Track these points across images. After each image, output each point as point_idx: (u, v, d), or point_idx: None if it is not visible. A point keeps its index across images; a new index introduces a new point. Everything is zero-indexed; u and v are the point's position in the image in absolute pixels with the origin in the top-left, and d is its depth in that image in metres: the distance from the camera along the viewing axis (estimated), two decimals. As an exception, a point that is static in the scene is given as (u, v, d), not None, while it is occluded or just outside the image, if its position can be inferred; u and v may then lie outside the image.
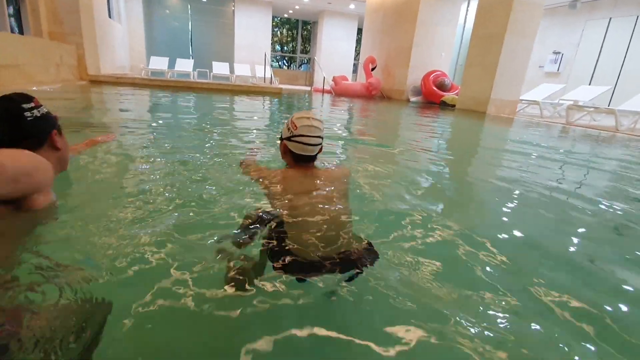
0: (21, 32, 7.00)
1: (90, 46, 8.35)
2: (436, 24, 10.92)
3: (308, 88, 14.58)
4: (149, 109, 5.37)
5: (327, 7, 16.34)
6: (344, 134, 4.25)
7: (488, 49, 8.08)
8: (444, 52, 11.43)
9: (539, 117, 8.27)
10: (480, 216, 1.95)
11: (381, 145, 3.62)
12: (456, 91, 10.54)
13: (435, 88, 10.68)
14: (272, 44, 20.87)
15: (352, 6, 15.86)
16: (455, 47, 12.29)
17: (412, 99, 11.27)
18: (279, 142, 1.49)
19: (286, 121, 1.42)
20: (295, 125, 1.35)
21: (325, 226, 1.16)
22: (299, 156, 1.38)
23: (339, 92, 12.15)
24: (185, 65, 13.11)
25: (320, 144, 1.41)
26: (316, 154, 1.42)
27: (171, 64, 13.05)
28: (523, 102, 8.87)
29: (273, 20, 19.02)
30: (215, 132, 3.50)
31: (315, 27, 19.31)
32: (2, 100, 1.18)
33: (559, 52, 12.29)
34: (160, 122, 4.07)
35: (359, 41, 17.13)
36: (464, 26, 12.44)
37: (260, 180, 1.47)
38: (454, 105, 9.67)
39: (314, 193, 1.32)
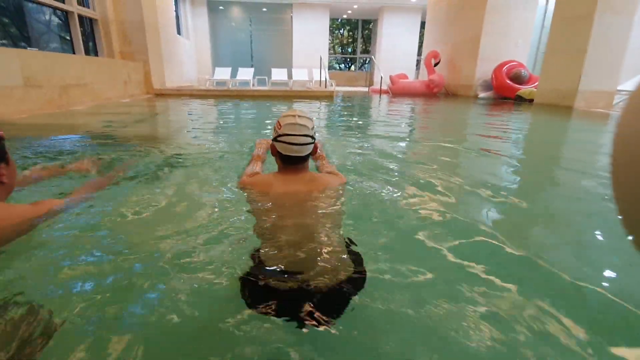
0: (96, 53, 7.76)
1: (155, 62, 8.97)
2: (510, 8, 9.53)
3: (365, 89, 14.00)
4: (193, 116, 5.45)
5: (387, 2, 15.58)
6: (390, 139, 3.69)
7: (574, 32, 6.68)
8: (521, 40, 9.94)
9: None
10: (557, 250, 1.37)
11: (436, 151, 3.01)
12: (535, 83, 9.06)
13: (509, 81, 9.31)
14: (332, 46, 20.78)
15: (413, -1, 14.87)
16: (535, 33, 10.62)
17: (481, 94, 10.00)
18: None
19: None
20: (280, 124, 1.31)
21: (302, 245, 1.04)
22: (285, 157, 1.32)
23: (397, 91, 11.37)
24: (245, 73, 13.55)
25: (309, 143, 1.32)
26: (306, 156, 1.34)
27: (233, 74, 13.59)
28: (622, 93, 7.19)
29: (333, 22, 18.84)
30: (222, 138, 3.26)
31: (375, 26, 18.61)
32: None
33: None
34: (194, 128, 4.03)
35: (422, 36, 16.00)
36: (546, 8, 10.70)
37: (249, 190, 1.41)
38: (532, 100, 8.29)
39: (298, 203, 1.25)
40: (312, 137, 1.34)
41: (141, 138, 3.48)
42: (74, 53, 6.83)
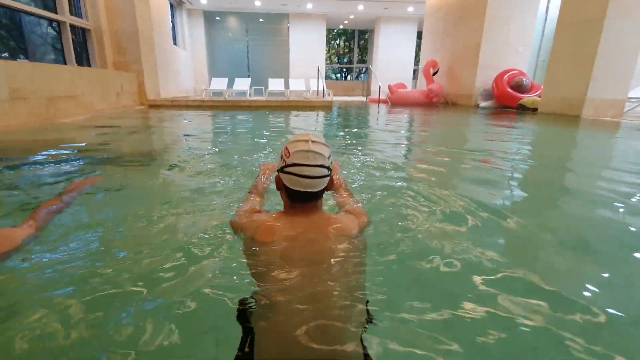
0: (89, 64, 7.52)
1: (150, 73, 8.73)
2: (510, 16, 9.46)
3: (363, 99, 13.87)
4: (187, 129, 5.20)
5: (383, 13, 15.56)
6: (390, 153, 3.45)
7: (582, 38, 6.55)
8: (522, 48, 9.85)
9: (658, 118, 6.44)
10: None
11: (436, 168, 2.76)
12: (537, 92, 8.93)
13: (510, 90, 9.17)
14: (329, 56, 20.73)
15: (410, 9, 14.86)
16: (536, 40, 10.56)
17: (482, 104, 9.86)
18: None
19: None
20: (289, 152, 1.03)
21: (313, 325, 0.77)
22: (293, 193, 1.04)
23: (395, 101, 11.22)
24: (242, 84, 13.37)
25: (325, 176, 1.04)
26: (319, 192, 1.06)
27: (230, 84, 13.40)
28: (632, 100, 7.05)
29: (329, 32, 18.81)
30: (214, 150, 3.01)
31: (372, 36, 18.62)
32: None
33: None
34: (187, 142, 3.76)
35: (419, 46, 15.98)
36: (547, 14, 10.66)
37: (243, 232, 1.09)
38: (535, 109, 8.13)
39: (308, 260, 0.94)
40: (328, 169, 1.05)
41: (124, 154, 3.21)
42: (65, 64, 6.58)
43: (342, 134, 4.97)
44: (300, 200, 1.05)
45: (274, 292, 0.87)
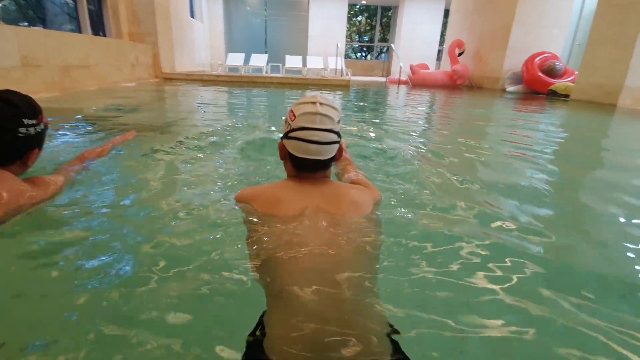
0: (104, 34, 7.40)
1: (165, 45, 8.57)
2: (547, -6, 8.77)
3: (383, 79, 13.39)
4: (202, 103, 5.07)
5: (409, -12, 14.79)
6: (406, 138, 3.23)
7: (623, 20, 5.98)
8: (557, 30, 9.17)
9: None
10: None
11: (456, 157, 2.55)
12: (571, 77, 8.35)
13: (541, 74, 8.61)
14: (349, 34, 20.00)
15: (438, -15, 14.05)
16: (572, 22, 9.82)
17: (510, 88, 9.33)
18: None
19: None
20: (294, 114, 0.92)
21: (327, 306, 0.69)
22: (300, 161, 0.93)
23: (417, 82, 10.76)
24: (259, 60, 13.10)
25: (334, 142, 0.93)
26: (328, 160, 0.95)
27: (246, 60, 13.14)
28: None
29: (351, 8, 18.06)
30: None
31: (395, 13, 17.79)
32: (7, 105, 1.14)
33: None
34: (201, 116, 3.65)
35: (445, 25, 15.17)
36: (586, -6, 9.86)
37: (246, 206, 0.98)
38: (567, 96, 7.62)
39: (318, 231, 0.83)
40: (338, 134, 0.95)
41: (142, 125, 3.12)
42: (80, 32, 6.49)
43: (356, 114, 4.75)
44: (308, 170, 0.95)
45: (283, 273, 0.78)
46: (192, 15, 12.59)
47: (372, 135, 3.16)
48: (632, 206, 1.75)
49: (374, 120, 4.22)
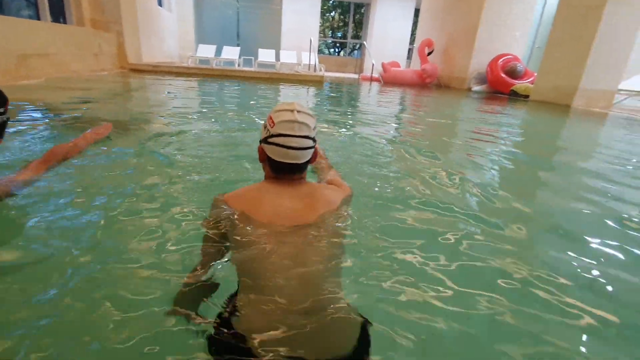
0: (65, 20, 6.98)
1: (131, 34, 8.20)
2: (511, -2, 9.20)
3: (356, 76, 13.55)
4: (171, 96, 4.93)
5: (381, -14, 14.98)
6: (378, 134, 3.34)
7: (580, 26, 6.42)
8: (519, 32, 9.66)
9: (645, 112, 6.49)
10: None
11: (426, 151, 2.68)
12: (530, 79, 8.85)
13: (504, 75, 9.07)
14: (323, 29, 19.96)
15: (409, -16, 14.33)
16: (533, 26, 10.38)
17: (475, 87, 9.75)
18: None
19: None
20: (273, 122, 1.00)
21: (298, 295, 0.79)
22: (278, 165, 1.01)
23: (388, 80, 10.98)
24: (231, 53, 12.83)
25: (310, 147, 1.02)
26: (305, 163, 1.04)
27: (218, 52, 12.82)
28: (622, 92, 7.06)
29: (324, 4, 18.03)
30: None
31: (367, 10, 17.98)
32: None
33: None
34: (169, 110, 3.55)
35: (416, 24, 15.53)
36: (546, 0, 10.44)
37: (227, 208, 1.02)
38: (527, 96, 8.08)
39: (293, 229, 0.93)
40: (314, 140, 1.04)
41: (104, 120, 3.00)
42: (38, 19, 6.08)
43: (331, 111, 4.81)
44: (285, 172, 1.03)
45: (257, 260, 0.86)
46: (160, 4, 12.10)
47: (344, 130, 3.23)
48: (571, 191, 1.93)
49: (346, 117, 4.30)
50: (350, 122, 3.96)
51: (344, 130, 3.29)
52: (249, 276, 0.85)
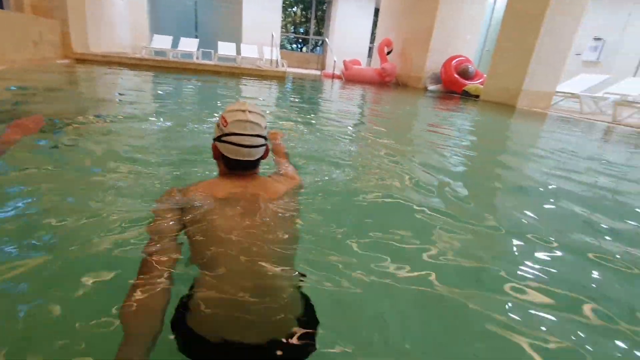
0: (1, 5, 6.34)
1: (76, 22, 7.63)
2: (462, 2, 9.70)
3: (318, 72, 13.62)
4: (122, 89, 4.66)
5: (342, -16, 15.12)
6: (340, 128, 3.42)
7: (524, 31, 6.92)
8: (470, 35, 10.23)
9: (579, 112, 7.17)
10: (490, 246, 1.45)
11: (386, 146, 2.79)
12: (481, 80, 9.42)
13: (457, 75, 9.57)
14: (285, 24, 19.74)
15: (369, -17, 14.59)
16: (482, 30, 11.03)
17: (431, 87, 10.20)
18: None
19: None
20: (226, 121, 1.05)
21: (251, 283, 0.84)
22: (232, 162, 1.07)
23: (349, 77, 11.16)
24: (189, 45, 12.30)
25: (262, 145, 1.08)
26: (257, 160, 1.10)
27: (175, 44, 12.26)
28: (559, 94, 7.73)
29: (286, -2, 17.85)
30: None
31: (329, 7, 18.08)
32: None
33: (600, 39, 10.91)
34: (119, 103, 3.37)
35: (376, 23, 15.88)
36: (494, 5, 11.13)
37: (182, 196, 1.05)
38: (478, 96, 8.60)
39: (244, 219, 0.98)
40: (265, 138, 1.10)
41: (47, 114, 2.79)
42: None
43: (293, 107, 4.82)
44: (239, 168, 1.08)
45: (212, 248, 0.90)
46: (110, -10, 11.33)
47: (306, 126, 3.27)
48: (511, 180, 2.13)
49: (309, 113, 4.33)
50: (313, 118, 4.00)
51: (306, 125, 3.32)
52: (202, 261, 0.89)
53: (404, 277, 1.15)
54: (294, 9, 21.61)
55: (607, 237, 1.64)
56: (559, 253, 1.44)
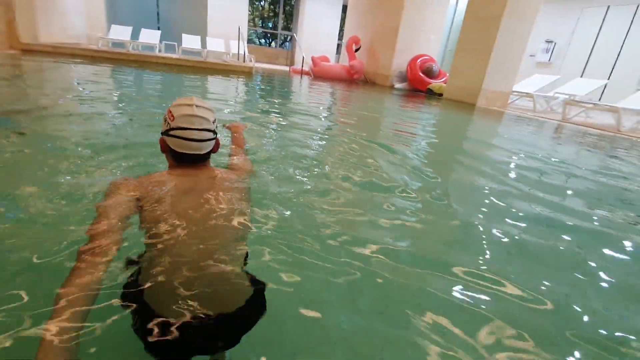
0: None
1: (24, 9, 7.07)
2: (426, 4, 9.99)
3: (286, 68, 13.52)
4: (74, 83, 4.38)
5: (310, -21, 15.05)
6: (309, 124, 3.43)
7: (483, 33, 7.26)
8: (433, 36, 10.55)
9: (532, 111, 7.63)
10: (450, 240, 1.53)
11: (352, 141, 2.84)
12: (444, 78, 9.77)
13: (422, 74, 9.86)
14: (252, 18, 19.36)
15: (337, -20, 14.63)
16: (445, 31, 11.42)
17: (397, 85, 10.44)
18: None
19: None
20: (173, 115, 1.04)
21: (201, 260, 0.88)
22: (179, 155, 1.06)
23: (318, 74, 11.18)
24: (150, 36, 11.72)
25: (211, 139, 1.08)
26: (207, 154, 1.10)
27: (135, 35, 11.65)
28: (515, 94, 8.19)
29: (253, -9, 17.51)
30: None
31: (297, 2, 17.95)
32: None
33: (552, 41, 11.63)
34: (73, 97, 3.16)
35: (344, 20, 15.97)
36: (456, 7, 11.55)
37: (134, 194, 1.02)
38: (441, 94, 8.91)
39: (194, 203, 0.99)
40: (214, 132, 1.10)
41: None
42: None
43: (261, 103, 4.76)
44: (188, 162, 1.08)
45: (162, 235, 0.90)
46: (61, -25, 10.55)
47: (273, 121, 3.25)
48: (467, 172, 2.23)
49: (277, 108, 4.30)
50: (280, 114, 3.97)
51: (271, 121, 3.30)
52: (154, 251, 0.89)
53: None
54: (261, 3, 21.25)
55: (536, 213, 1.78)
56: (505, 239, 1.54)
